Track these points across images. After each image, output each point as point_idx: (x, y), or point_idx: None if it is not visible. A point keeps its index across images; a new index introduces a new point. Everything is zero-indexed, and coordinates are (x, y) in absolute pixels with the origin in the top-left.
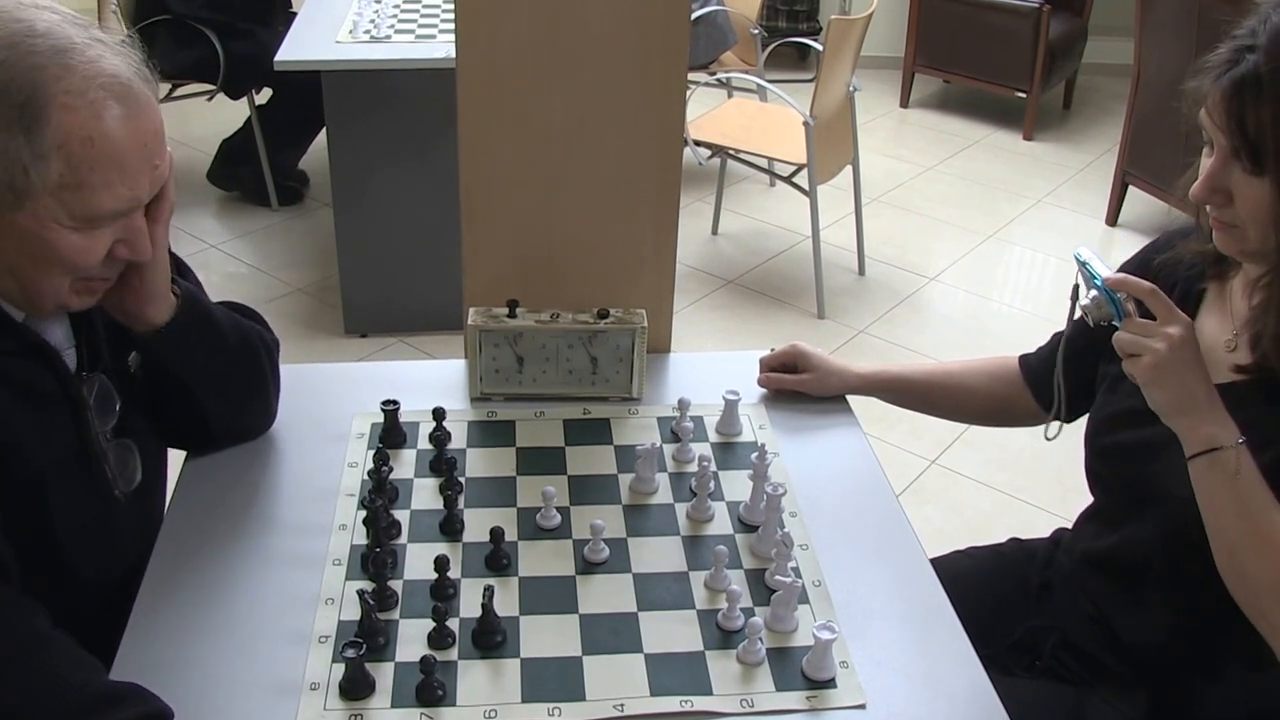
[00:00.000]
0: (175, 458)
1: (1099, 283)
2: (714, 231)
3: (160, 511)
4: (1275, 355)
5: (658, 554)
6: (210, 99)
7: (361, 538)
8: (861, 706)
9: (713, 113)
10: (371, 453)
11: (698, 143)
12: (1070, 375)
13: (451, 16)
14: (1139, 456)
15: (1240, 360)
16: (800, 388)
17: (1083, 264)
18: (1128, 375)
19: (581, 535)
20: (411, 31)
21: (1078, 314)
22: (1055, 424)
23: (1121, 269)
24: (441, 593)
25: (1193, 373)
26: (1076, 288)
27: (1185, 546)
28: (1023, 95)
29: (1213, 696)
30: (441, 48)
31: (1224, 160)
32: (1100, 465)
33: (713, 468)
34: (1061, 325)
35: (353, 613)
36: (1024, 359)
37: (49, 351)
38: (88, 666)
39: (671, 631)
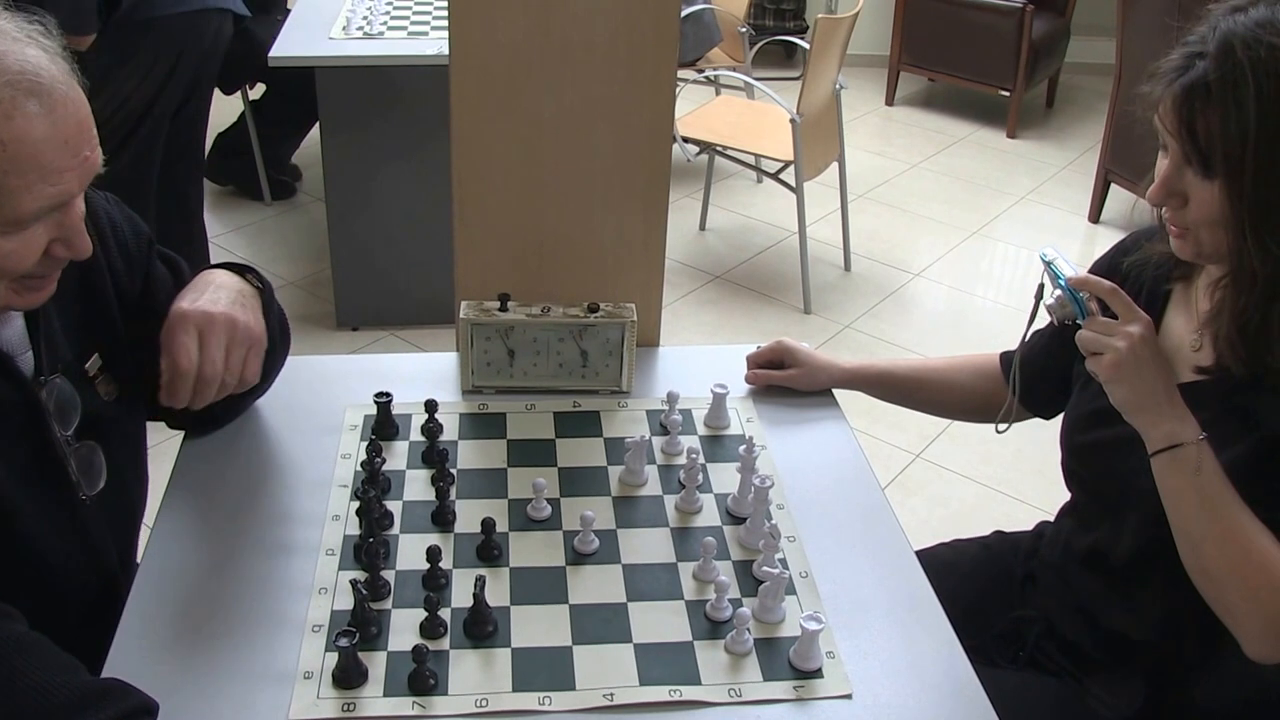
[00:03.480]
0: (164, 456)
1: (1063, 282)
2: (702, 227)
3: (138, 506)
4: (1229, 355)
5: (647, 545)
6: None
7: (354, 528)
8: (848, 696)
9: (701, 110)
10: (364, 444)
11: (686, 139)
12: (1047, 373)
13: (443, 13)
14: (1113, 454)
15: (1204, 360)
16: (787, 383)
17: (1048, 263)
18: (1090, 373)
19: (571, 526)
20: (404, 28)
21: (1042, 312)
22: (1005, 420)
23: (1091, 270)
24: (433, 583)
25: (1153, 370)
26: (1041, 287)
27: (1162, 541)
28: (1006, 94)
29: (1208, 688)
30: (433, 44)
31: (1177, 164)
32: (1075, 463)
33: (701, 460)
34: (1040, 321)
35: (346, 602)
36: (1004, 356)
37: (2, 356)
38: (67, 668)
39: (660, 622)
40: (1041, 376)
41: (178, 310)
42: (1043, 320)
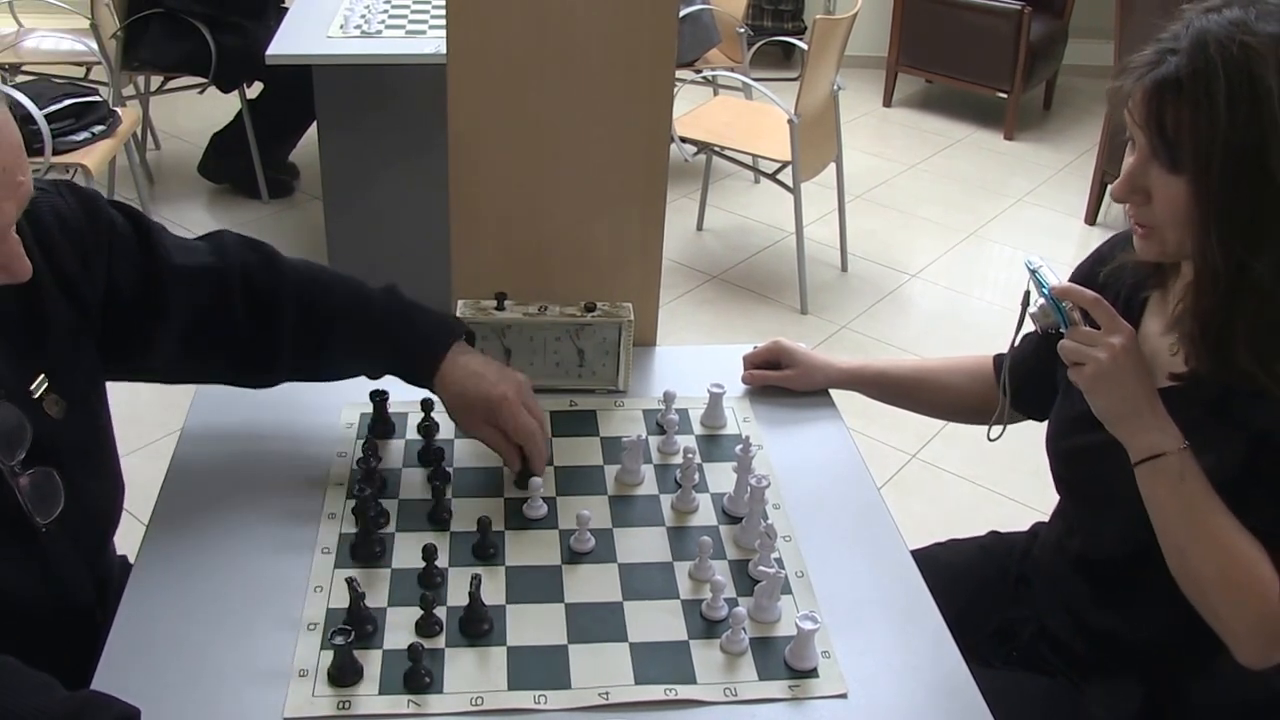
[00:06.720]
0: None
1: (1046, 291)
2: (699, 227)
3: (107, 521)
4: (1196, 359)
5: (643, 544)
6: (201, 92)
7: (350, 526)
8: (843, 696)
9: (699, 110)
10: (360, 442)
11: (684, 139)
12: (1036, 376)
13: (441, 12)
14: (1096, 459)
15: (1182, 365)
16: (784, 383)
17: (1033, 272)
18: (1073, 382)
19: (568, 525)
20: (402, 27)
21: (1028, 321)
22: (997, 426)
23: (1070, 279)
24: (429, 581)
25: (1135, 381)
26: (1027, 294)
27: (1147, 545)
28: (1004, 95)
29: (1206, 691)
30: (431, 43)
31: (1144, 159)
32: (1060, 467)
33: (697, 460)
34: (1027, 329)
35: (341, 600)
36: (997, 358)
37: None
38: (40, 688)
39: (656, 621)
40: (1030, 379)
41: (500, 396)
42: (1030, 327)
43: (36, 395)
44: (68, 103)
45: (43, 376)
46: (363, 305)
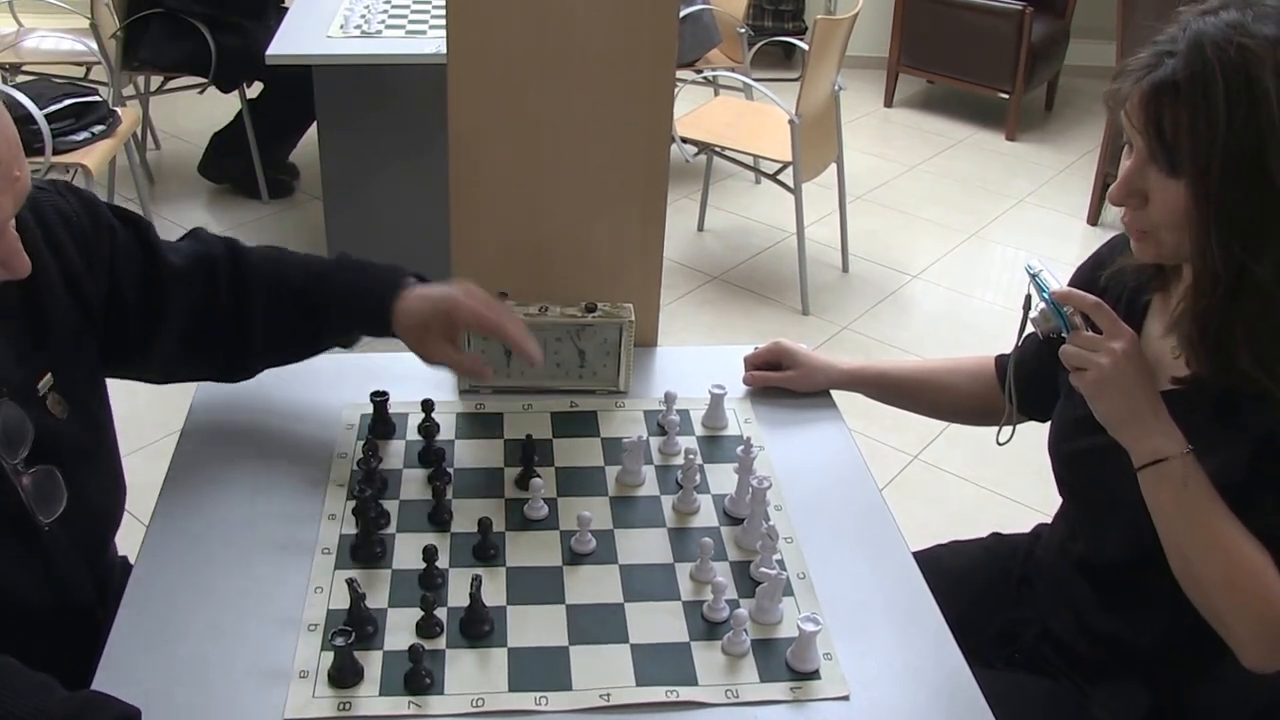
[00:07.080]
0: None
1: (1047, 296)
2: (700, 228)
3: (109, 521)
4: (1196, 362)
5: (644, 545)
6: (201, 92)
7: (351, 527)
8: (845, 698)
9: (699, 110)
10: (361, 443)
11: (684, 140)
12: (1039, 377)
13: (441, 12)
14: (1098, 461)
15: (1183, 369)
16: (785, 384)
17: (1033, 276)
18: (1075, 387)
19: (568, 526)
20: (402, 27)
21: (1029, 325)
22: (1006, 429)
23: (1070, 283)
24: (430, 582)
25: (1137, 386)
26: (1028, 298)
27: (1150, 548)
28: (1005, 96)
29: (1213, 696)
30: (431, 43)
31: (1141, 162)
32: (1063, 470)
33: (698, 460)
34: (1030, 328)
35: (342, 601)
36: (999, 359)
37: None
38: (39, 689)
39: (657, 622)
40: (1032, 382)
41: (451, 302)
42: (1030, 330)
43: (41, 394)
44: (68, 103)
45: (49, 376)
46: (323, 284)
